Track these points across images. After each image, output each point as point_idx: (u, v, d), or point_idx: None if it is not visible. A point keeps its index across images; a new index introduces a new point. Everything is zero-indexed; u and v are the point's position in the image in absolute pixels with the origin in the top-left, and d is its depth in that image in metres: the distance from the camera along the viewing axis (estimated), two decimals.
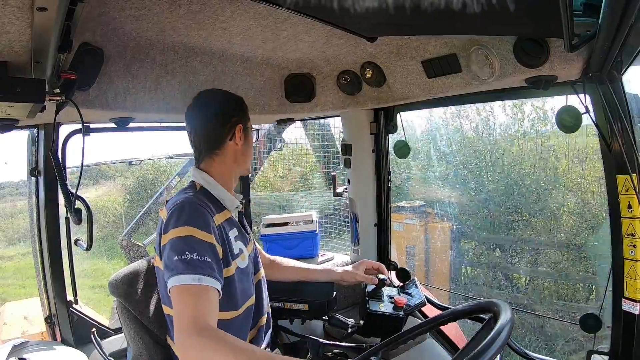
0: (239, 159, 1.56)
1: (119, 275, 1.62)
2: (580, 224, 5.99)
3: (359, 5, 1.10)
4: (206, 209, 1.37)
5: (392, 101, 2.05)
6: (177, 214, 1.33)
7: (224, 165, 1.54)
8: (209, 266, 1.26)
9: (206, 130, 1.52)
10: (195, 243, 1.28)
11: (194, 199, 1.39)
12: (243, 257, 1.50)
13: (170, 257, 1.26)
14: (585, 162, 5.95)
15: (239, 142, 1.53)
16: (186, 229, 1.29)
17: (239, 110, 1.55)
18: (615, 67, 1.34)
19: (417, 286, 1.89)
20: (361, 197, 2.59)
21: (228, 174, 1.55)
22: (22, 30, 0.89)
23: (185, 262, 1.23)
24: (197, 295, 1.22)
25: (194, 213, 1.33)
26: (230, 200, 1.53)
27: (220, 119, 1.51)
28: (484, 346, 1.01)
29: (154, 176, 10.18)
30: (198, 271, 1.23)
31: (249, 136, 1.59)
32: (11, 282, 8.09)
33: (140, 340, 1.55)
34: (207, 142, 1.52)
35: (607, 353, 1.60)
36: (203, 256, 1.26)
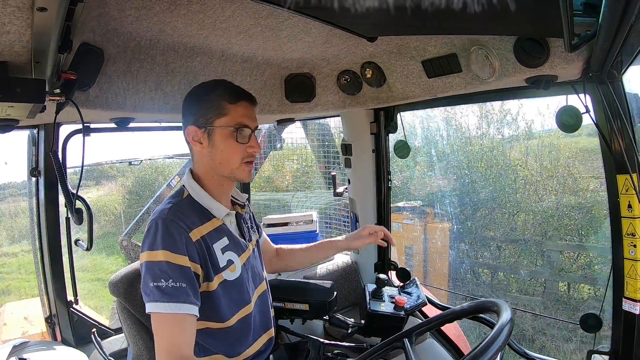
0: (210, 164, 1.45)
1: (119, 275, 1.63)
2: (533, 221, 6.30)
3: (359, 5, 1.09)
4: (182, 226, 1.32)
5: (392, 101, 2.05)
6: (153, 234, 1.30)
7: (201, 168, 1.47)
8: (184, 292, 1.26)
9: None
10: (170, 269, 1.26)
11: (169, 214, 1.33)
12: (233, 269, 1.44)
13: (146, 282, 1.27)
14: (541, 162, 6.38)
15: (196, 146, 1.43)
16: (160, 254, 1.27)
17: (198, 108, 1.42)
18: (615, 67, 1.33)
19: (417, 286, 1.89)
20: (361, 197, 2.59)
21: (210, 179, 1.47)
22: (22, 31, 0.89)
23: (160, 290, 1.24)
24: (172, 325, 1.25)
25: (168, 234, 1.29)
26: (218, 209, 1.45)
27: (183, 118, 1.46)
28: (485, 346, 1.01)
29: (152, 176, 10.45)
30: (173, 299, 1.24)
31: (215, 138, 1.42)
32: (15, 276, 8.52)
33: (140, 340, 1.55)
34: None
35: (607, 353, 1.60)
36: (178, 282, 1.26)
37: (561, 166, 6.30)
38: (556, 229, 6.15)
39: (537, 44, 1.37)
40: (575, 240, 6.09)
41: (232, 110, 1.41)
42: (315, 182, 5.85)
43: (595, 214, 5.88)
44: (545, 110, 6.57)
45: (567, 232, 6.12)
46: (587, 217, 5.96)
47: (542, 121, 6.70)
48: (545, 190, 6.32)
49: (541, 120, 6.69)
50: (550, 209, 6.18)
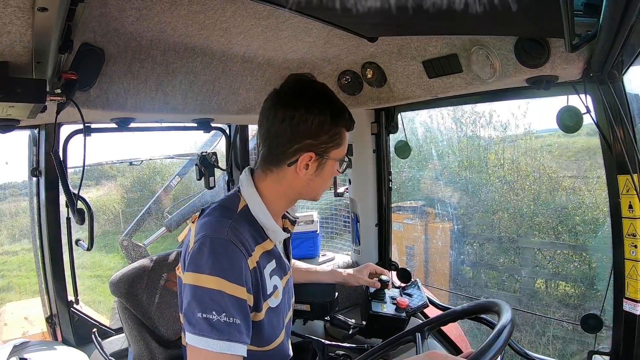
0: (300, 189, 1.28)
1: (120, 275, 1.63)
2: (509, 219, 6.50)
3: (359, 5, 1.09)
4: (241, 250, 1.14)
5: (392, 101, 2.05)
6: (207, 256, 1.10)
7: (276, 188, 1.27)
8: (237, 329, 1.08)
9: (271, 134, 1.23)
10: (224, 301, 1.07)
11: (230, 235, 1.13)
12: (276, 295, 1.29)
13: (192, 310, 1.07)
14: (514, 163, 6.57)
15: (300, 172, 1.23)
16: (214, 281, 1.07)
17: (321, 132, 1.21)
18: (616, 67, 1.33)
19: (419, 287, 1.89)
20: (362, 197, 2.59)
21: (280, 199, 1.29)
22: (23, 31, 0.89)
23: (211, 324, 1.05)
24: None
25: (226, 258, 1.10)
26: (275, 232, 1.28)
27: (290, 133, 1.19)
28: (485, 346, 1.01)
29: (149, 176, 10.64)
30: (224, 337, 1.05)
31: (325, 168, 1.26)
32: (16, 274, 8.65)
33: (141, 340, 1.56)
34: (267, 149, 1.25)
35: (608, 353, 1.59)
36: (232, 317, 1.07)
37: (540, 166, 6.51)
38: (531, 226, 6.34)
39: (538, 44, 1.37)
40: (550, 238, 6.26)
41: (345, 141, 1.31)
42: None
43: (570, 212, 6.06)
44: (518, 111, 6.78)
45: (541, 230, 6.31)
46: (562, 215, 6.13)
47: (517, 123, 6.92)
48: (522, 189, 6.51)
49: (517, 122, 6.92)
50: (526, 206, 6.42)
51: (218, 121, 2.30)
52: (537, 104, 6.63)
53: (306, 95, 1.22)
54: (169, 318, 1.66)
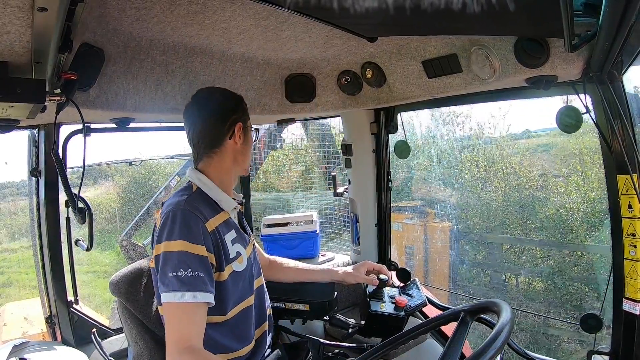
0: (237, 159, 1.55)
1: (120, 275, 1.63)
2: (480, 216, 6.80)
3: (359, 5, 1.10)
4: (199, 216, 1.36)
5: (392, 101, 2.05)
6: (170, 226, 1.33)
7: (222, 164, 1.52)
8: (202, 281, 1.29)
9: (205, 128, 1.50)
10: (188, 258, 1.29)
11: (186, 205, 1.37)
12: (240, 260, 1.48)
13: (165, 272, 1.29)
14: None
15: (238, 141, 1.52)
16: (178, 244, 1.30)
17: (238, 108, 1.54)
18: (615, 67, 1.34)
19: (418, 287, 1.89)
20: (361, 197, 2.59)
21: (226, 174, 1.54)
22: (23, 31, 0.89)
23: (180, 280, 1.26)
24: (186, 314, 1.27)
25: (185, 224, 1.33)
26: (227, 202, 1.51)
27: (219, 117, 1.50)
28: (485, 346, 1.01)
29: (146, 176, 10.96)
30: (192, 289, 1.27)
31: (249, 135, 1.58)
32: (15, 270, 9.04)
33: (141, 340, 1.55)
34: (205, 141, 1.51)
35: (607, 353, 1.59)
36: (196, 272, 1.28)
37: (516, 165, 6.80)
38: (501, 224, 6.62)
39: (538, 44, 1.37)
40: (518, 234, 6.52)
41: (249, 114, 1.60)
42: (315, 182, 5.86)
43: (537, 210, 6.32)
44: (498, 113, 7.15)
45: (510, 226, 6.59)
46: (531, 213, 6.40)
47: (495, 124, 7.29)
48: (493, 188, 6.83)
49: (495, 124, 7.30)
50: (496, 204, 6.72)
51: None
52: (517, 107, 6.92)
53: (209, 93, 1.56)
54: None
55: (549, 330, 5.63)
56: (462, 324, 1.23)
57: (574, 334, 5.49)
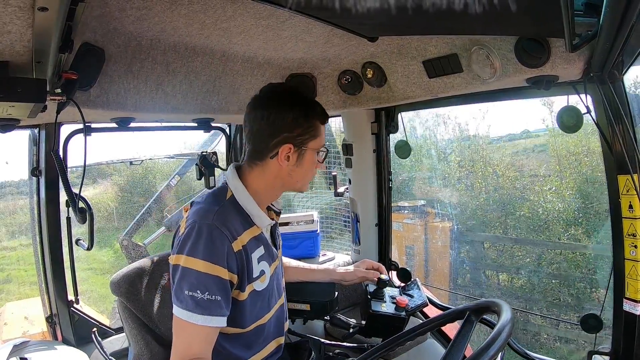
0: (284, 179, 1.41)
1: (120, 274, 1.63)
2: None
3: (360, 5, 1.10)
4: (226, 235, 1.27)
5: (393, 101, 2.05)
6: (194, 240, 1.25)
7: (261, 180, 1.40)
8: (219, 305, 1.24)
9: (252, 134, 1.38)
10: (207, 281, 1.23)
11: (215, 220, 1.27)
12: (263, 279, 1.41)
13: (181, 287, 1.24)
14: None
15: (282, 163, 1.36)
16: (200, 263, 1.23)
17: (296, 126, 1.35)
18: (616, 67, 1.33)
19: (418, 287, 1.89)
20: (362, 197, 2.59)
21: (265, 190, 1.41)
22: (23, 30, 0.89)
23: (195, 301, 1.22)
24: (197, 334, 1.24)
25: (210, 241, 1.24)
26: (260, 218, 1.39)
27: (269, 129, 1.34)
28: (485, 345, 1.01)
29: (143, 175, 11.16)
30: (206, 312, 1.23)
31: (306, 158, 1.39)
32: (15, 267, 9.33)
33: (141, 340, 1.55)
34: (250, 147, 1.39)
35: (608, 353, 1.59)
36: (214, 295, 1.23)
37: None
38: (483, 222, 6.81)
39: (538, 44, 1.37)
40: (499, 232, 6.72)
41: (322, 132, 1.43)
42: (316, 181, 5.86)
43: (514, 208, 6.55)
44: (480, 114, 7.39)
45: (492, 224, 6.79)
46: (508, 211, 6.61)
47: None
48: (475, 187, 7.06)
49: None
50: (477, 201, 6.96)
51: (218, 121, 2.30)
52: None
53: (278, 96, 1.39)
54: (169, 317, 1.66)
55: (528, 327, 5.76)
56: (466, 324, 1.23)
57: (552, 329, 5.67)
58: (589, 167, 6.10)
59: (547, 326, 5.69)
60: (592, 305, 5.50)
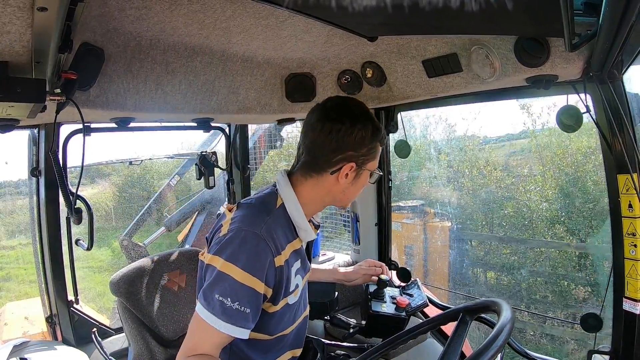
0: (335, 196, 1.37)
1: (120, 274, 1.63)
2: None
3: (359, 4, 1.09)
4: (271, 248, 1.23)
5: (392, 101, 2.05)
6: (237, 246, 1.20)
7: (314, 192, 1.36)
8: (246, 317, 1.19)
9: (314, 144, 1.32)
10: (241, 291, 1.18)
11: (263, 231, 1.22)
12: (296, 293, 1.38)
13: (212, 290, 1.19)
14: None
15: (341, 180, 1.32)
16: (238, 272, 1.17)
17: (362, 146, 1.31)
18: (616, 67, 1.33)
19: (419, 287, 1.89)
20: (362, 196, 2.58)
21: (315, 202, 1.38)
22: (23, 31, 0.89)
23: (223, 307, 1.17)
24: (214, 338, 1.20)
25: (254, 252, 1.20)
26: (307, 232, 1.36)
27: (335, 144, 1.29)
28: (485, 345, 1.01)
29: (141, 175, 11.29)
30: (231, 321, 1.18)
31: (362, 178, 1.37)
32: (14, 265, 9.44)
33: (141, 340, 1.56)
34: (310, 157, 1.34)
35: (607, 352, 1.59)
36: (244, 307, 1.18)
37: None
38: (471, 219, 6.98)
39: (538, 43, 1.37)
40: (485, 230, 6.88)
41: (379, 154, 1.40)
42: None
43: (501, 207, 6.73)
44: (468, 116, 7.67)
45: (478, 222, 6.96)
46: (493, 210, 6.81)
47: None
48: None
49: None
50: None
51: (218, 120, 2.30)
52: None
53: (351, 112, 1.31)
54: (169, 318, 1.67)
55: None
56: (461, 324, 1.23)
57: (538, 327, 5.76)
58: (571, 167, 6.27)
59: (533, 323, 5.76)
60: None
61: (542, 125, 6.73)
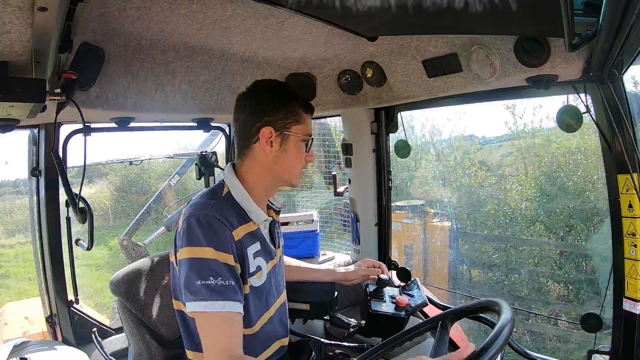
0: (271, 167, 1.40)
1: (120, 274, 1.62)
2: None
3: (359, 4, 1.09)
4: (225, 224, 1.27)
5: (392, 101, 2.05)
6: (195, 230, 1.23)
7: (252, 169, 1.41)
8: (233, 290, 1.21)
9: (238, 123, 1.41)
10: (218, 267, 1.20)
11: (213, 211, 1.26)
12: (260, 275, 1.40)
13: (191, 280, 1.19)
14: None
15: (265, 147, 1.36)
16: (206, 250, 1.20)
17: (276, 110, 1.37)
18: (616, 67, 1.33)
19: (418, 286, 1.89)
20: (362, 196, 2.59)
21: (258, 182, 1.42)
22: (23, 30, 0.89)
23: (210, 288, 1.18)
24: (223, 324, 1.19)
25: (212, 230, 1.23)
26: (257, 214, 1.39)
27: (250, 115, 1.37)
28: (485, 345, 1.01)
29: (138, 175, 11.36)
30: (223, 297, 1.18)
31: (290, 144, 1.39)
32: (13, 263, 9.59)
33: (141, 340, 1.55)
34: (237, 137, 1.42)
35: (607, 352, 1.59)
36: (227, 280, 1.20)
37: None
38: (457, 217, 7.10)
39: (538, 43, 1.37)
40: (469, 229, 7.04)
41: (306, 120, 1.43)
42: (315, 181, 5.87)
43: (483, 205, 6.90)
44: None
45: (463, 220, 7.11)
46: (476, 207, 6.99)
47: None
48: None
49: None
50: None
51: (218, 120, 2.30)
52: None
53: (263, 84, 1.44)
54: (169, 318, 1.66)
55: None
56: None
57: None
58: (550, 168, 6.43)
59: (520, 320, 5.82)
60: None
61: (523, 126, 6.98)
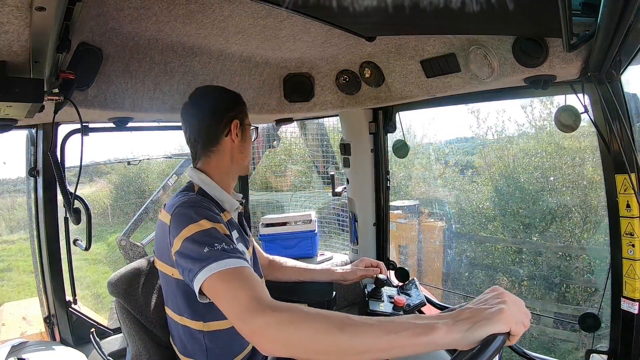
0: (236, 157, 1.52)
1: (118, 275, 1.62)
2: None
3: (357, 4, 1.09)
4: (211, 207, 1.32)
5: (391, 101, 2.05)
6: (187, 213, 1.25)
7: (221, 163, 1.49)
8: (239, 251, 1.18)
9: (202, 126, 1.48)
10: (219, 234, 1.20)
11: (194, 200, 1.33)
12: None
13: (197, 251, 1.15)
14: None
15: (235, 139, 1.49)
16: (206, 222, 1.22)
17: (235, 106, 1.51)
18: (614, 67, 1.34)
19: (416, 286, 1.89)
20: (360, 196, 2.59)
21: (225, 174, 1.51)
22: (21, 30, 0.89)
23: (217, 250, 1.14)
24: (247, 276, 1.10)
25: (202, 208, 1.27)
26: (230, 202, 1.49)
27: (216, 115, 1.47)
28: (484, 345, 1.01)
29: (136, 174, 11.63)
30: (234, 255, 1.14)
31: (247, 133, 1.55)
32: (15, 258, 9.89)
33: (139, 340, 1.55)
34: (202, 139, 1.48)
35: (606, 352, 1.60)
36: (230, 245, 1.18)
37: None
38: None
39: (536, 43, 1.37)
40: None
41: (247, 112, 1.57)
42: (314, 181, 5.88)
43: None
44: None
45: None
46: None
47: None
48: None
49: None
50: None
51: None
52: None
53: (208, 90, 1.54)
54: (166, 318, 1.66)
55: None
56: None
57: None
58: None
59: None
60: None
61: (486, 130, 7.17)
